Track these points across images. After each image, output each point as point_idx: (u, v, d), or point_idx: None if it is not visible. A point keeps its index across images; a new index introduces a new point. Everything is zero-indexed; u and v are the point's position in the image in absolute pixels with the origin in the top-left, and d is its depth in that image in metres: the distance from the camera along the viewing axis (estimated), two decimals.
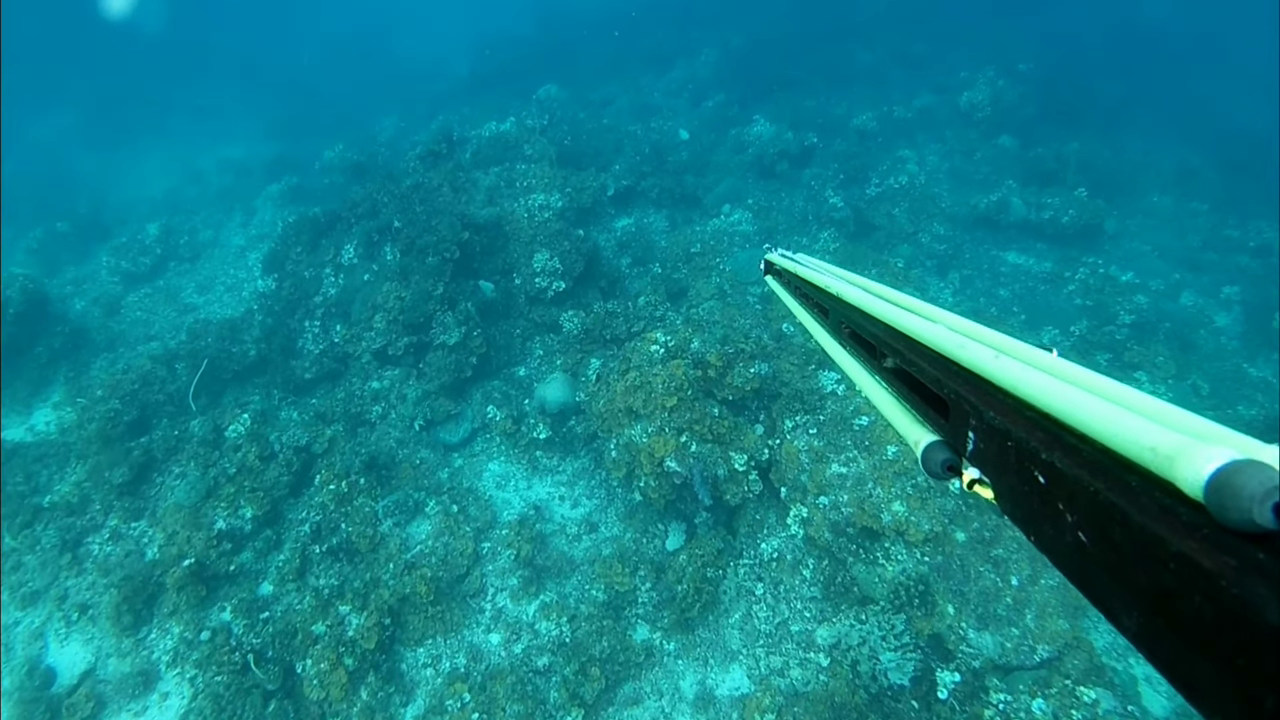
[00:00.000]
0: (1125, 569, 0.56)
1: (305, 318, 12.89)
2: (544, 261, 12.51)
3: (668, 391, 8.46)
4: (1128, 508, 0.55)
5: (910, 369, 1.06)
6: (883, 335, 1.18)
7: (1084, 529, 0.61)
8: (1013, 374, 0.79)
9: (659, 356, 9.24)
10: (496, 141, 15.95)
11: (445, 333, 11.64)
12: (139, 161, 26.25)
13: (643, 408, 8.55)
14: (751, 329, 10.81)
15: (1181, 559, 0.48)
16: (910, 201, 15.85)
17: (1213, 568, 0.46)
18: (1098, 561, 0.60)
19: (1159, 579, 0.51)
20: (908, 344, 1.08)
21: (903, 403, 1.14)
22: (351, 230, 13.36)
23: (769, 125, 18.28)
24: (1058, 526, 0.66)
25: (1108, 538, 0.57)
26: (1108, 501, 0.57)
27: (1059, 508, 0.65)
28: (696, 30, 25.64)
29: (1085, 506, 0.61)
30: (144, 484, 10.19)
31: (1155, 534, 0.51)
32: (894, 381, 1.18)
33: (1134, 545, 0.54)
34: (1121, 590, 0.57)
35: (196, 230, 17.72)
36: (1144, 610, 0.54)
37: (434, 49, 34.13)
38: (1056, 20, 25.62)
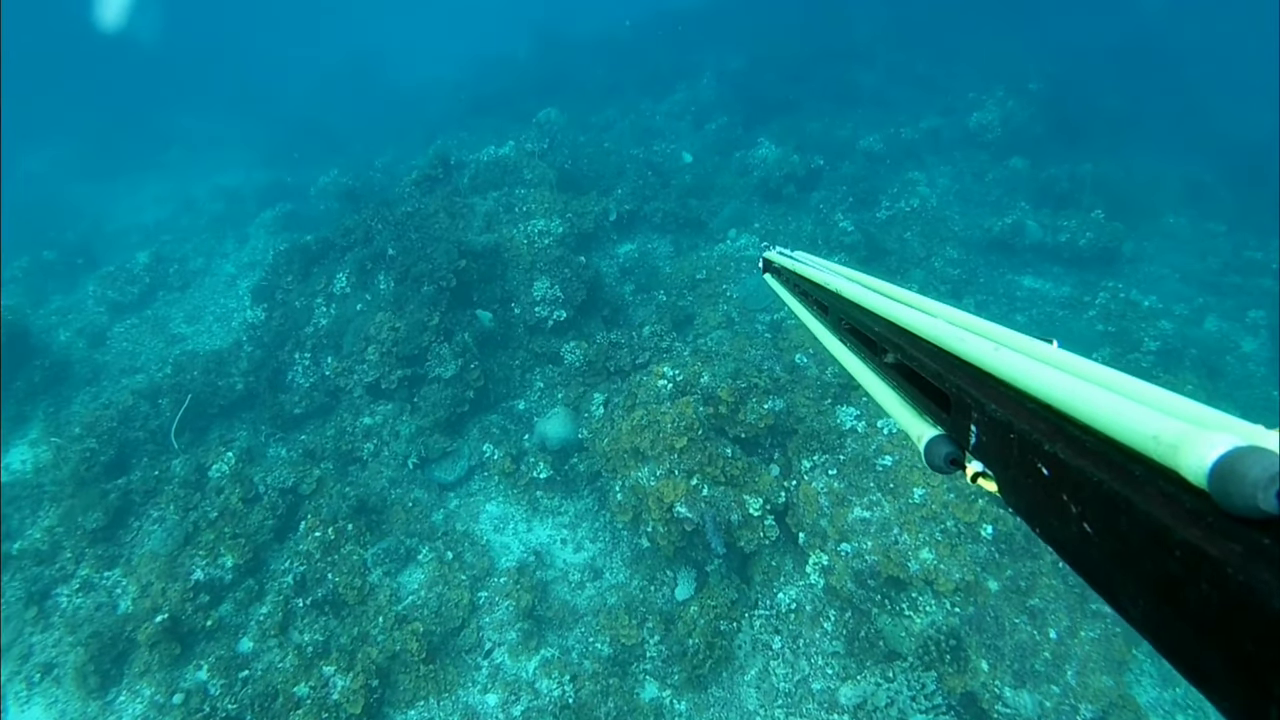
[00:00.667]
0: (1131, 558, 0.55)
1: (295, 350, 12.35)
2: (544, 290, 11.99)
3: (677, 431, 7.89)
4: (1132, 497, 0.54)
5: (911, 364, 1.06)
6: (883, 331, 1.18)
7: (1089, 519, 0.60)
8: (1013, 366, 0.78)
9: (667, 392, 8.68)
10: (495, 166, 15.52)
11: (441, 365, 11.10)
12: (134, 191, 25.98)
13: (650, 449, 7.98)
14: (763, 360, 10.26)
15: (1187, 547, 0.48)
16: (922, 225, 15.37)
17: (1218, 555, 0.45)
18: (1103, 551, 0.59)
19: (1165, 567, 0.50)
20: (908, 339, 1.08)
21: (905, 398, 1.13)
22: (344, 258, 12.87)
23: (774, 147, 17.87)
24: (1062, 518, 0.65)
25: (1113, 528, 0.57)
26: (1112, 491, 0.56)
27: (1063, 499, 0.64)
28: (696, 53, 25.40)
29: (1089, 497, 0.60)
30: (120, 529, 9.60)
31: (1160, 522, 0.51)
32: (895, 377, 1.17)
33: (1139, 534, 0.53)
34: (1128, 580, 0.56)
35: (187, 258, 17.24)
36: (1151, 599, 0.53)
37: (429, 75, 34.00)
38: (1056, 35, 25.37)
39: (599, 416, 9.92)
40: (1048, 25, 26.54)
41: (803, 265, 1.87)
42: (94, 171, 27.99)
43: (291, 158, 25.39)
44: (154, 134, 31.99)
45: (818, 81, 22.74)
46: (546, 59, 27.97)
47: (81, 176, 27.78)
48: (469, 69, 30.76)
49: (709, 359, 10.07)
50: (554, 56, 28.02)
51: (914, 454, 8.07)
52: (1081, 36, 26.19)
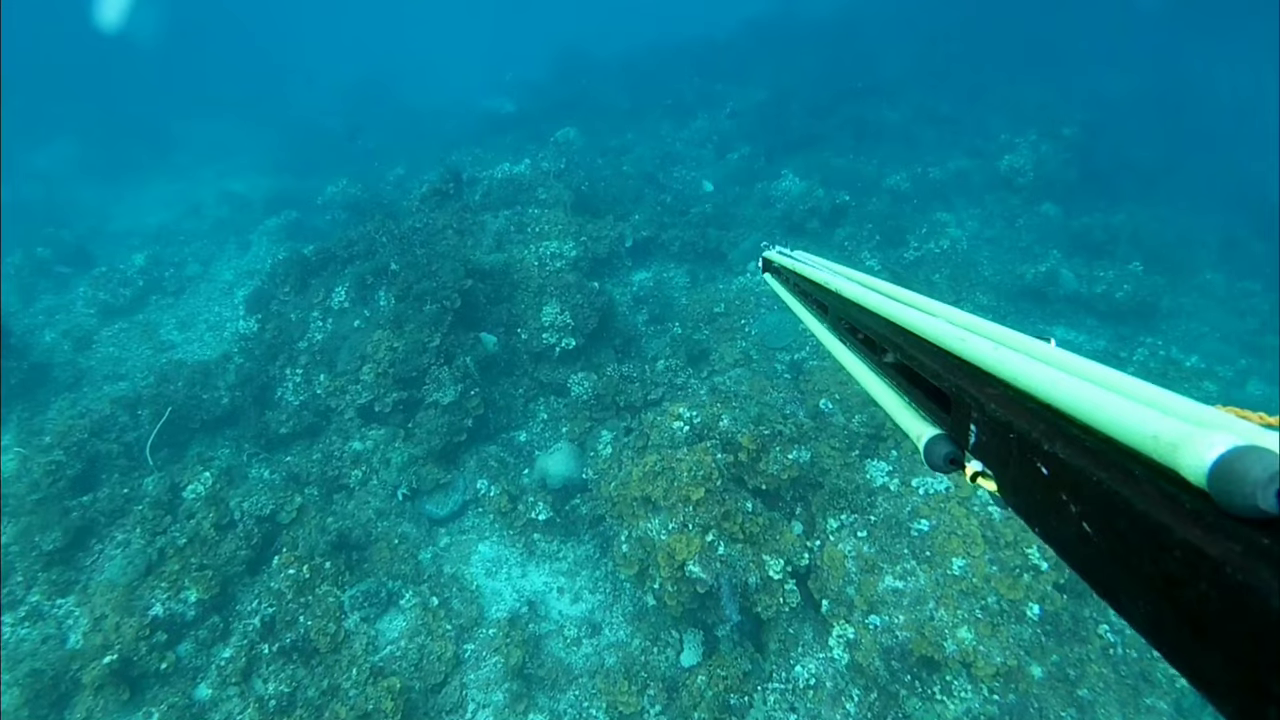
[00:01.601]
0: (1130, 558, 0.55)
1: (287, 365, 11.65)
2: (554, 315, 11.31)
3: (694, 481, 7.13)
4: (1131, 497, 0.54)
5: (910, 363, 1.05)
6: (882, 330, 1.17)
7: (1088, 519, 0.60)
8: (1013, 366, 0.78)
9: (683, 436, 7.94)
10: (509, 183, 14.93)
11: (439, 390, 10.39)
12: (139, 193, 25.48)
13: (663, 498, 7.21)
14: (785, 404, 9.53)
15: (1186, 546, 0.48)
16: (952, 268, 14.72)
17: (1218, 554, 0.45)
18: (1103, 551, 0.59)
19: (1164, 567, 0.50)
20: (907, 338, 1.07)
21: (904, 397, 1.11)
22: (344, 271, 12.21)
23: (798, 181, 17.29)
24: (1062, 518, 0.64)
25: (1112, 527, 0.57)
26: (1111, 491, 0.56)
27: (1063, 499, 0.64)
28: (719, 82, 24.97)
29: (1089, 497, 0.60)
30: (79, 551, 8.82)
31: (1159, 522, 0.51)
32: (895, 376, 1.16)
33: (1138, 534, 0.53)
34: (1127, 580, 0.56)
35: (185, 263, 16.61)
36: (1150, 599, 0.53)
37: (447, 94, 33.72)
38: (1085, 83, 24.88)
39: (606, 456, 9.16)
40: (1077, 73, 26.11)
41: (802, 265, 1.82)
42: (100, 171, 27.55)
43: (302, 166, 24.97)
44: (164, 136, 31.63)
45: (842, 117, 22.25)
46: (566, 81, 27.60)
47: (87, 176, 27.34)
48: (487, 89, 30.44)
49: (728, 400, 9.33)
50: (574, 79, 27.65)
51: (954, 520, 7.32)
52: (1110, 86, 25.79)
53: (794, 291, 1.91)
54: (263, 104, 35.87)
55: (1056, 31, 29.79)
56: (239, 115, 34.32)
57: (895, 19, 29.54)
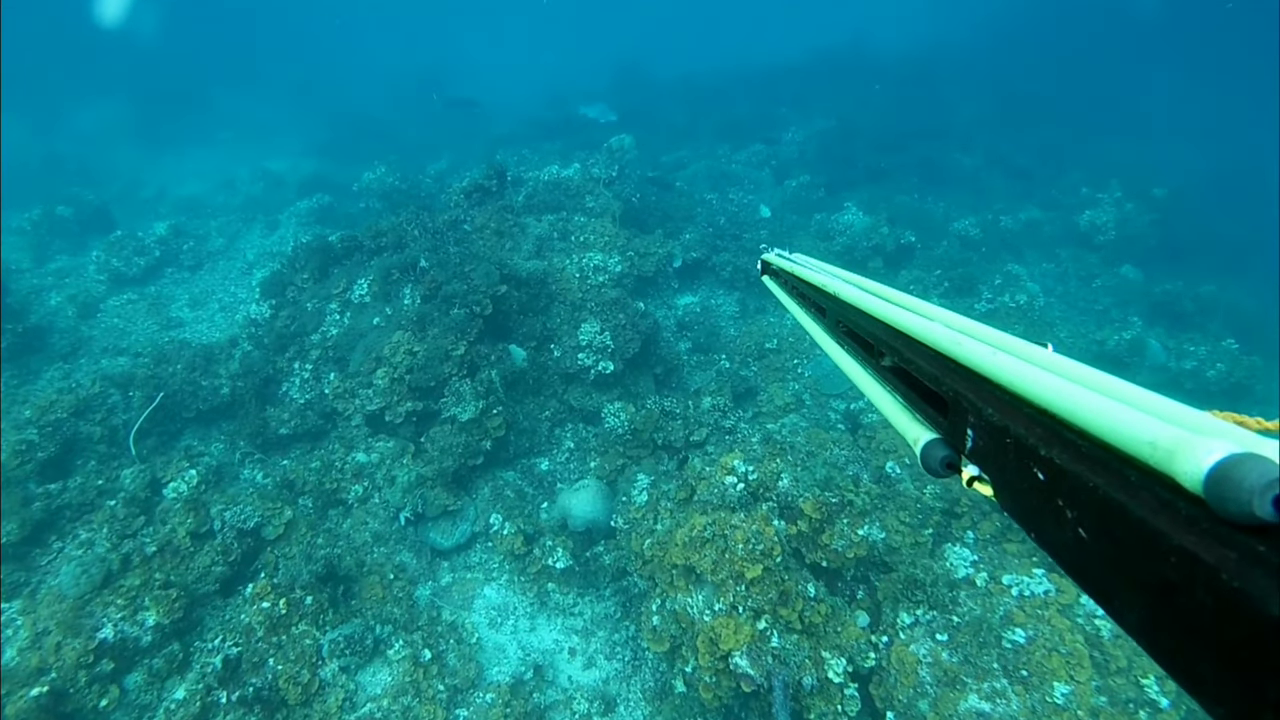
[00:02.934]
0: (1126, 564, 0.54)
1: (297, 358, 10.65)
2: (592, 334, 10.21)
3: (750, 556, 5.94)
4: (1127, 502, 0.54)
5: (908, 367, 1.04)
6: (880, 333, 1.17)
7: (1084, 525, 0.60)
8: (1010, 370, 0.77)
9: (736, 495, 6.76)
10: (556, 187, 13.92)
11: (459, 405, 9.31)
12: (179, 162, 24.95)
13: (711, 571, 6.03)
14: (847, 463, 8.34)
15: (1182, 553, 0.47)
16: (1026, 325, 13.46)
17: (1213, 561, 0.45)
18: (1099, 557, 0.58)
19: (1160, 573, 0.50)
20: (905, 342, 1.06)
21: (901, 401, 1.10)
22: (369, 263, 11.21)
23: (862, 215, 16.14)
24: (1058, 523, 0.64)
25: (1108, 533, 0.56)
26: (1107, 497, 0.56)
27: (1059, 504, 0.63)
28: (783, 107, 23.96)
29: (1085, 502, 0.59)
30: (36, 548, 7.79)
31: (1155, 528, 0.50)
32: (892, 379, 1.15)
33: (1134, 540, 0.53)
34: (1123, 585, 0.55)
35: (208, 237, 15.76)
36: (1146, 604, 0.52)
37: (503, 96, 33.09)
38: (1169, 148, 23.56)
39: (641, 504, 7.98)
40: (1156, 139, 24.79)
41: (801, 268, 1.78)
42: (143, 136, 27.11)
43: (345, 153, 24.27)
44: (211, 109, 31.26)
45: (910, 156, 21.11)
46: (624, 92, 26.75)
47: (129, 139, 26.88)
48: (544, 96, 29.67)
49: (783, 452, 8.14)
50: (632, 91, 26.82)
51: (1055, 633, 6.07)
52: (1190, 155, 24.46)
53: (792, 294, 1.86)
54: (314, 88, 35.51)
55: (1134, 97, 28.60)
56: (289, 97, 33.97)
57: (970, 65, 28.49)
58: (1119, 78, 29.81)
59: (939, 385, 0.92)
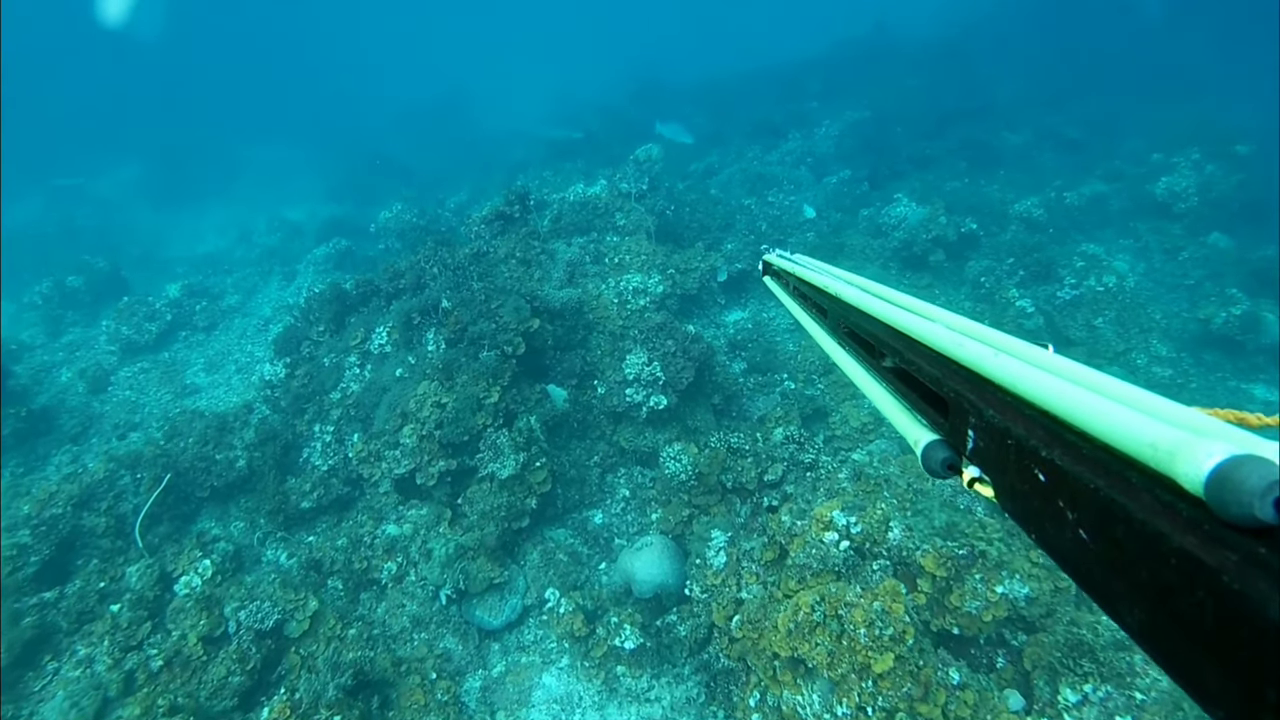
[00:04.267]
0: (1127, 566, 0.53)
1: (316, 420, 9.66)
2: (639, 366, 9.05)
3: (877, 643, 4.68)
4: (1128, 504, 0.53)
5: (909, 368, 1.02)
6: (881, 334, 1.14)
7: (1085, 526, 0.59)
8: (1012, 372, 0.75)
9: (840, 556, 5.51)
10: (583, 207, 12.85)
11: (496, 460, 8.20)
12: (198, 219, 24.52)
13: (826, 663, 4.77)
14: (953, 494, 7.04)
15: (1183, 555, 0.47)
16: (1117, 310, 12.02)
17: (1214, 563, 0.44)
18: (1099, 559, 0.57)
19: (1161, 575, 0.49)
20: (906, 343, 1.03)
21: (902, 402, 1.08)
22: (388, 308, 10.20)
23: (916, 206, 14.80)
24: (1059, 524, 0.62)
25: (1109, 535, 0.55)
26: (1108, 498, 0.55)
27: (1060, 505, 0.62)
28: (812, 101, 22.73)
29: (1086, 504, 0.58)
30: (28, 670, 6.81)
31: (1156, 530, 0.50)
32: (893, 381, 1.12)
33: (1135, 542, 0.52)
34: (1124, 587, 0.54)
35: (223, 294, 14.97)
36: (1146, 607, 0.52)
37: (516, 120, 32.33)
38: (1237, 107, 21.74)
39: (718, 567, 6.74)
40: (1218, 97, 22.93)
41: (802, 268, 1.76)
42: (162, 197, 26.82)
43: (363, 194, 23.60)
44: (229, 162, 30.98)
45: (954, 140, 19.71)
46: (642, 102, 25.74)
47: (148, 201, 26.61)
48: (560, 114, 28.81)
49: (878, 489, 6.89)
50: (650, 100, 25.78)
51: None
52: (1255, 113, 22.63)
53: (794, 295, 1.83)
54: (330, 131, 35.17)
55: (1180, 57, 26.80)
56: (306, 142, 33.65)
57: (1003, 39, 26.96)
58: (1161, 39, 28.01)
59: (940, 387, 0.89)
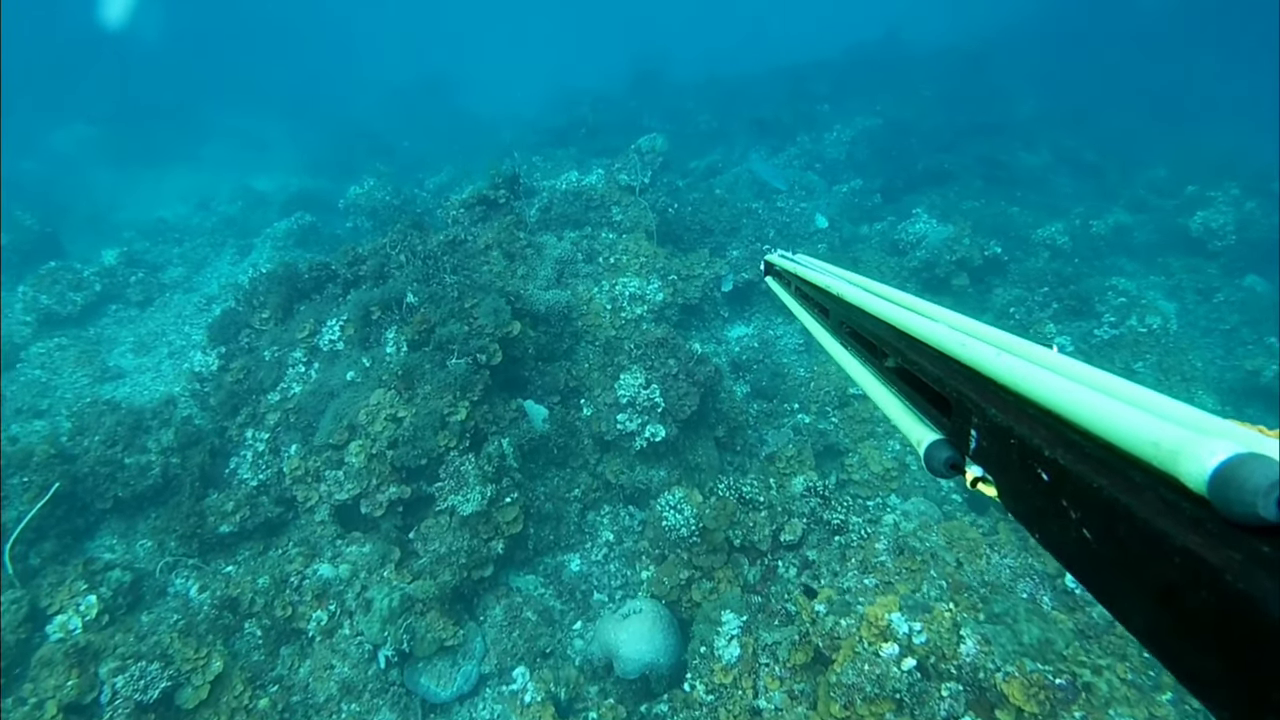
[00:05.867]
0: (1130, 565, 0.53)
1: (250, 424, 8.20)
2: (634, 388, 7.71)
3: None
4: (1131, 504, 0.52)
5: (911, 368, 1.00)
6: (883, 334, 1.12)
7: (1088, 526, 0.58)
8: (1014, 371, 0.74)
9: (901, 677, 4.22)
10: (576, 198, 11.48)
11: (459, 491, 6.84)
12: (159, 183, 22.73)
13: None
14: (1015, 576, 5.79)
15: (1186, 554, 0.46)
16: (1159, 355, 10.92)
17: (1218, 562, 0.44)
18: (1102, 558, 0.57)
19: (1164, 575, 0.49)
20: (909, 343, 1.02)
21: (905, 402, 1.06)
22: (344, 298, 8.77)
23: (937, 224, 13.63)
24: (1062, 524, 0.62)
25: (1112, 534, 0.55)
26: (1111, 498, 0.54)
27: (1063, 505, 0.61)
28: (824, 104, 21.51)
29: (1089, 503, 0.58)
30: None
31: (1159, 529, 0.49)
32: (896, 380, 1.10)
33: (1138, 541, 0.51)
34: (1127, 587, 0.54)
35: (165, 266, 13.41)
36: (1149, 606, 0.51)
37: (508, 105, 30.81)
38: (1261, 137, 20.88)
39: (729, 660, 5.36)
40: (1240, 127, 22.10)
41: (804, 268, 1.71)
42: (126, 156, 24.96)
43: (340, 169, 21.98)
44: (200, 127, 29.12)
45: (970, 155, 18.58)
46: (641, 95, 24.37)
47: (109, 160, 24.72)
48: (554, 100, 27.33)
49: (923, 567, 5.62)
50: (650, 94, 24.42)
51: None
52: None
53: (795, 295, 1.79)
54: (312, 103, 33.40)
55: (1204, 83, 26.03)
56: (289, 113, 31.83)
57: (1020, 55, 25.99)
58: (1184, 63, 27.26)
59: (942, 386, 0.88)
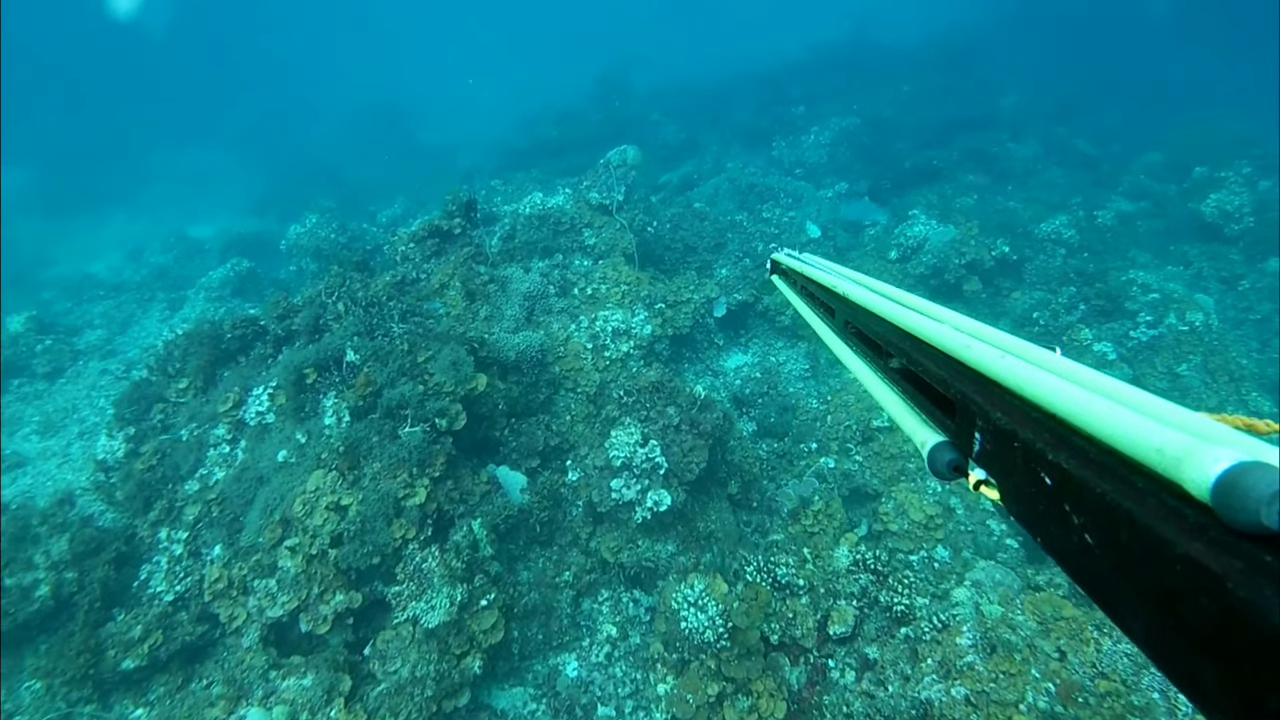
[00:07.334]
0: (1131, 571, 0.53)
1: (164, 522, 6.74)
2: (630, 446, 6.37)
3: None
4: (1134, 509, 0.52)
5: (916, 369, 1.00)
6: (889, 335, 1.12)
7: (1090, 530, 0.58)
8: (1019, 374, 0.73)
9: None
10: (542, 222, 10.15)
11: (422, 595, 5.47)
12: (94, 232, 21.16)
13: None
14: (1136, 671, 4.52)
15: (1188, 561, 0.46)
16: (1203, 354, 9.81)
17: (1219, 570, 0.44)
18: (1104, 563, 0.57)
19: (1165, 581, 0.49)
20: (914, 344, 1.01)
21: (909, 403, 1.05)
22: (274, 359, 7.35)
23: (938, 225, 12.50)
24: (1064, 528, 0.62)
25: (1114, 539, 0.55)
26: (1114, 503, 0.54)
27: (1065, 509, 0.61)
28: (798, 106, 20.46)
29: (1092, 508, 0.58)
30: None
31: (1162, 536, 0.49)
32: (900, 382, 1.10)
33: (1140, 547, 0.51)
34: (1128, 592, 0.54)
35: (83, 329, 11.86)
36: (1150, 612, 0.51)
37: (469, 129, 29.47)
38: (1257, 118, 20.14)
39: None
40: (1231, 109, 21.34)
41: (810, 268, 1.70)
42: (58, 205, 23.29)
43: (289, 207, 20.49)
44: (141, 168, 27.54)
45: (955, 150, 17.57)
46: (604, 109, 23.18)
47: (41, 209, 23.01)
48: (513, 121, 26.05)
49: (1024, 668, 4.32)
50: (612, 106, 23.23)
51: None
52: None
53: (801, 294, 1.78)
54: (261, 136, 31.89)
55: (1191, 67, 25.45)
56: (232, 147, 30.32)
57: (1001, 45, 25.26)
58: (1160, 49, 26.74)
59: (947, 388, 0.88)
